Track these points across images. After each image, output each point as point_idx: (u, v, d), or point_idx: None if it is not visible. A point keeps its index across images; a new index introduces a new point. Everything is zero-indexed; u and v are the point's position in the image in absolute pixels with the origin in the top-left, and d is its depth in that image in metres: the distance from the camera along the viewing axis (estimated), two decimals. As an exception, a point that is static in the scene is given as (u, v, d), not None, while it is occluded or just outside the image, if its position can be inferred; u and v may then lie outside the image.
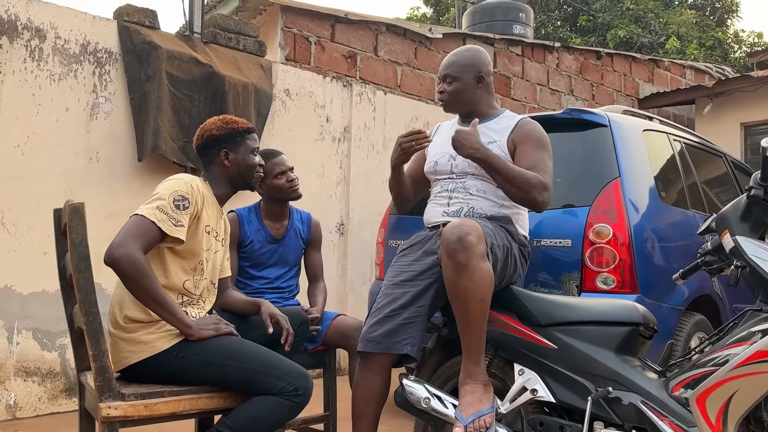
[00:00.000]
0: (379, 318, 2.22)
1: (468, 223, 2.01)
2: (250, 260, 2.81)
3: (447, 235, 2.00)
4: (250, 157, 2.16)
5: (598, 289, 2.90)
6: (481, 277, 1.98)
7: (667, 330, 3.01)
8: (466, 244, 1.96)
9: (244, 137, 2.15)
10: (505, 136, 2.34)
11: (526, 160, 2.28)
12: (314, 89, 4.69)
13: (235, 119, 2.17)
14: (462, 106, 2.41)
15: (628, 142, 3.16)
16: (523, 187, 2.18)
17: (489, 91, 2.45)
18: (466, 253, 1.95)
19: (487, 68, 2.43)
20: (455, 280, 1.99)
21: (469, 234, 1.97)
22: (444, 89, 2.41)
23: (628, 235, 2.91)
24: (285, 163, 2.80)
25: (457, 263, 1.96)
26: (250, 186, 2.21)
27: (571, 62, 7.29)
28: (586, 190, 3.06)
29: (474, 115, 2.43)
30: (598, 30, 14.95)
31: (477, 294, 1.99)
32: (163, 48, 3.80)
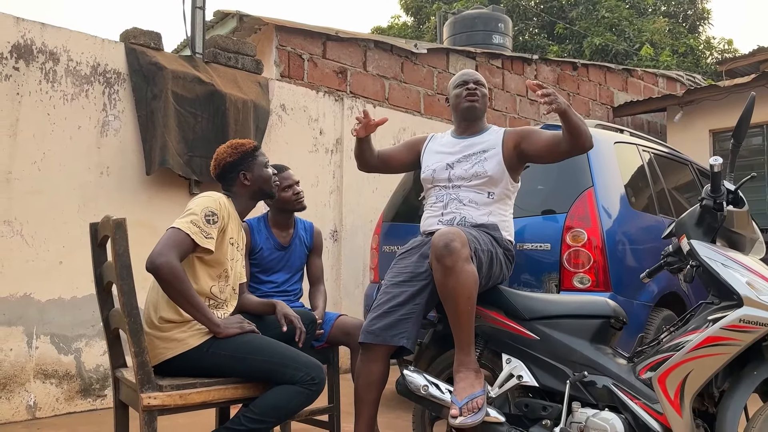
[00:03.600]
0: (379, 313, 2.49)
1: (453, 231, 2.29)
2: (259, 266, 3.07)
3: (435, 242, 2.28)
4: (265, 171, 2.43)
5: (575, 287, 3.20)
6: (466, 278, 2.26)
7: (638, 324, 3.32)
8: (451, 249, 2.23)
9: (255, 156, 2.42)
10: (499, 144, 2.63)
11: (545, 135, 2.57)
12: (308, 104, 4.96)
13: (242, 142, 2.44)
14: (480, 111, 2.73)
15: (601, 154, 3.47)
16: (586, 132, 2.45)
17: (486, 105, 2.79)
18: (452, 258, 2.23)
19: None
20: (444, 281, 2.27)
21: (454, 240, 2.25)
22: (476, 91, 2.69)
23: (601, 238, 3.22)
24: (292, 177, 3.07)
25: (445, 266, 2.24)
26: (271, 195, 2.48)
27: (549, 73, 7.64)
28: (563, 197, 3.37)
29: (477, 123, 2.73)
30: (574, 38, 15.34)
31: (463, 293, 2.27)
32: (168, 68, 4.05)
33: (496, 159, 2.60)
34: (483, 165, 2.60)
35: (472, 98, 2.70)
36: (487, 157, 2.62)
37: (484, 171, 2.59)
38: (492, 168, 2.59)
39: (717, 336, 1.96)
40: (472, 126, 2.74)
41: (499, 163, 2.60)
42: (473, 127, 2.74)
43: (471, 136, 2.74)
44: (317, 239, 3.24)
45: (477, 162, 2.63)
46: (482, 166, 2.60)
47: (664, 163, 4.13)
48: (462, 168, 2.65)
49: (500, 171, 2.60)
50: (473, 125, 2.74)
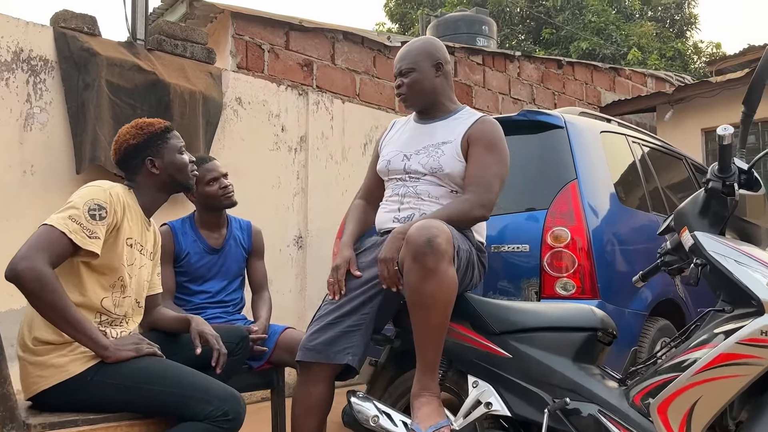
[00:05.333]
0: (321, 326, 2.09)
1: (436, 225, 1.88)
2: (188, 274, 2.63)
3: (414, 237, 1.86)
4: (178, 157, 2.00)
5: (558, 295, 2.78)
6: (448, 283, 1.86)
7: (631, 336, 2.90)
8: (435, 246, 1.83)
9: (166, 138, 1.99)
10: (461, 135, 2.23)
11: (472, 165, 2.18)
12: (268, 98, 4.53)
13: (150, 121, 2.01)
14: (423, 98, 2.28)
15: (585, 144, 3.07)
16: (460, 220, 2.08)
17: (449, 82, 2.34)
18: (435, 257, 1.83)
19: (445, 56, 2.32)
20: (420, 286, 1.85)
21: (438, 236, 1.85)
22: (402, 82, 2.28)
23: (586, 238, 2.80)
24: (217, 169, 2.65)
25: (425, 267, 1.83)
26: (186, 187, 2.05)
27: (533, 71, 7.26)
28: (543, 192, 2.96)
29: (435, 107, 2.31)
30: (561, 43, 15.10)
31: (441, 302, 1.87)
32: (103, 55, 3.62)
33: (452, 154, 2.20)
34: (439, 160, 2.20)
35: (400, 93, 2.29)
36: (445, 151, 2.21)
37: (440, 167, 2.19)
38: (448, 164, 2.19)
39: (732, 353, 1.54)
40: (430, 111, 2.33)
41: (455, 158, 2.19)
42: (433, 111, 2.33)
43: (433, 120, 2.33)
44: (257, 239, 2.81)
45: (433, 155, 2.21)
46: (438, 161, 2.20)
47: (657, 156, 3.73)
48: (418, 160, 2.24)
49: (459, 167, 2.19)
50: (431, 110, 2.33)
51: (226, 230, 2.72)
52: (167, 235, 2.60)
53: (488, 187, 2.15)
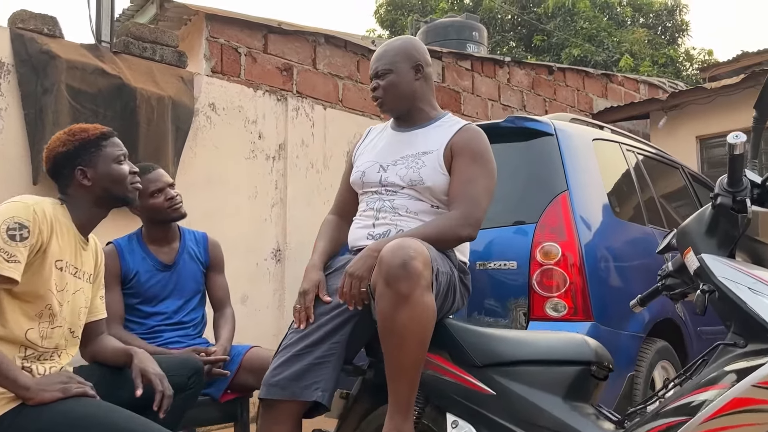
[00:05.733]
0: (286, 357, 1.86)
1: (413, 245, 1.67)
2: (139, 295, 2.41)
3: (387, 257, 1.65)
4: (115, 167, 1.78)
5: (548, 316, 2.56)
6: (424, 313, 1.65)
7: (627, 360, 2.68)
8: (410, 270, 1.62)
9: (100, 146, 1.77)
10: (443, 145, 2.02)
11: (456, 178, 1.97)
12: (244, 103, 4.31)
13: (85, 127, 1.79)
14: (400, 102, 2.07)
15: (577, 153, 2.86)
16: (443, 240, 1.88)
17: (429, 86, 2.12)
18: (410, 283, 1.62)
19: (425, 57, 2.11)
20: (392, 314, 1.64)
21: (415, 258, 1.63)
22: (377, 85, 2.07)
23: (579, 254, 2.59)
24: (161, 179, 2.43)
25: (398, 293, 1.62)
26: (125, 201, 1.82)
27: (523, 77, 7.07)
28: (533, 205, 2.74)
29: (414, 113, 2.09)
30: (552, 49, 14.98)
31: (417, 333, 1.65)
32: (63, 58, 3.39)
33: (434, 165, 1.98)
34: (419, 172, 1.98)
35: (376, 97, 2.08)
36: (426, 161, 1.99)
37: (420, 179, 1.97)
38: (429, 176, 1.97)
39: (747, 397, 1.32)
40: (409, 117, 2.12)
41: (437, 170, 1.97)
42: (412, 118, 2.11)
43: (412, 128, 2.11)
44: (215, 252, 2.59)
45: (413, 167, 2.00)
46: (418, 173, 1.98)
47: (652, 165, 3.52)
48: (396, 172, 2.02)
49: (442, 180, 1.98)
50: (410, 116, 2.11)
51: (178, 244, 2.50)
52: (112, 254, 2.38)
53: (475, 203, 1.94)
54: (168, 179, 2.44)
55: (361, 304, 1.79)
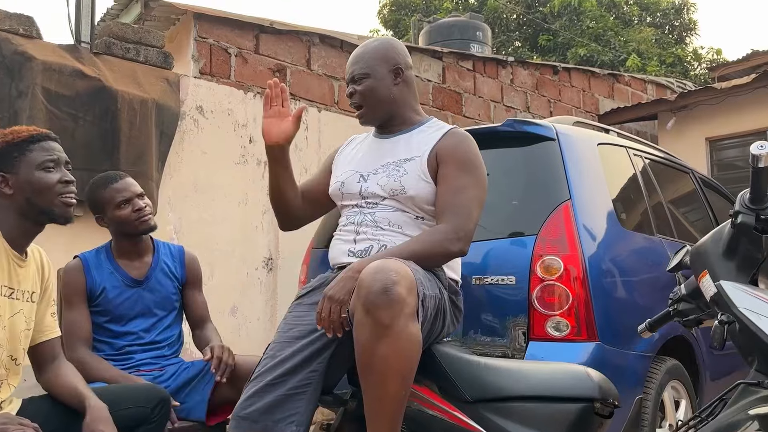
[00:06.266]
0: (258, 387, 1.69)
1: (395, 267, 1.50)
2: (108, 313, 2.23)
3: (367, 282, 1.48)
4: (39, 175, 1.59)
5: (549, 336, 2.37)
6: (408, 345, 1.48)
7: (635, 382, 2.49)
8: (392, 297, 1.45)
9: (24, 150, 1.59)
10: (427, 151, 1.85)
11: (443, 188, 1.79)
12: (233, 106, 4.14)
13: (15, 129, 1.62)
14: (379, 109, 1.90)
15: (580, 158, 2.66)
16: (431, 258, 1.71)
17: (411, 90, 1.96)
18: (392, 311, 1.45)
19: (405, 60, 1.94)
20: (372, 346, 1.47)
21: (397, 283, 1.46)
22: (354, 90, 1.90)
23: (582, 268, 2.40)
24: (129, 189, 2.24)
25: (378, 323, 1.45)
26: (51, 216, 1.63)
27: (527, 78, 6.87)
28: (533, 215, 2.55)
29: (395, 119, 1.93)
30: (558, 49, 14.79)
31: (399, 368, 1.48)
32: (39, 59, 3.23)
33: (417, 173, 1.81)
34: (401, 180, 1.81)
35: (353, 103, 1.92)
36: (408, 169, 1.82)
37: (402, 188, 1.80)
38: (412, 185, 1.80)
39: (775, 451, 1.13)
40: (390, 124, 1.95)
41: (420, 177, 1.81)
42: (394, 125, 1.95)
43: (394, 134, 1.95)
44: (192, 267, 2.40)
45: (394, 175, 1.83)
46: (399, 182, 1.81)
47: (660, 170, 3.33)
48: (376, 181, 1.85)
49: (426, 190, 1.81)
50: (391, 123, 1.95)
51: (151, 258, 2.31)
52: (77, 269, 2.21)
53: (465, 215, 1.76)
54: (136, 189, 2.26)
55: (341, 331, 1.62)
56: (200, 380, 2.15)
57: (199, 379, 2.15)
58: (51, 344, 1.72)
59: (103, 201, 2.21)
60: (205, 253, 3.91)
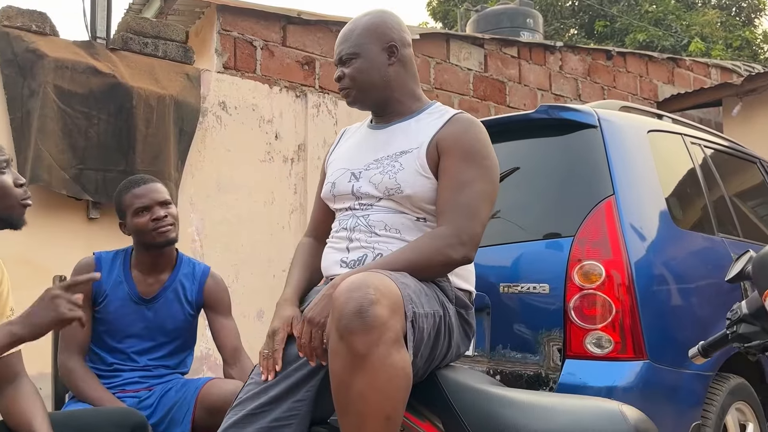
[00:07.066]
0: (239, 417, 1.46)
1: (376, 282, 1.25)
2: (105, 323, 2.06)
3: (340, 301, 1.24)
4: None
5: (589, 353, 2.06)
6: (390, 378, 1.22)
7: (692, 405, 2.17)
8: (368, 320, 1.20)
9: None
10: (426, 141, 1.58)
11: (444, 183, 1.52)
12: (258, 101, 3.96)
13: None
14: (370, 93, 1.65)
15: (627, 148, 2.34)
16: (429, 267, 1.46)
17: (408, 71, 1.69)
18: (368, 337, 1.21)
19: (401, 36, 1.68)
20: (347, 380, 1.24)
21: (376, 303, 1.22)
22: (342, 74, 1.66)
23: (627, 274, 2.08)
24: (149, 195, 2.03)
25: (353, 351, 1.22)
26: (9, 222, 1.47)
27: (577, 64, 6.46)
28: (570, 214, 2.25)
29: (391, 106, 1.67)
30: (616, 35, 14.17)
31: (380, 407, 1.23)
32: (51, 56, 3.11)
33: (414, 167, 1.55)
34: (396, 177, 1.55)
35: (342, 88, 1.67)
36: (404, 163, 1.56)
37: (398, 186, 1.54)
38: (408, 182, 1.54)
39: None
40: (385, 111, 1.69)
41: (419, 172, 1.55)
42: (389, 112, 1.69)
43: (390, 123, 1.69)
44: (212, 291, 2.16)
45: (389, 171, 1.57)
46: (394, 179, 1.55)
47: (723, 160, 2.94)
48: (369, 179, 1.59)
49: (425, 186, 1.55)
50: (386, 110, 1.69)
51: (167, 276, 2.10)
52: (86, 267, 2.04)
53: (470, 215, 1.49)
54: (159, 196, 2.03)
55: (325, 358, 1.38)
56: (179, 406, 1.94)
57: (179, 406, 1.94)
58: (7, 361, 1.54)
59: (124, 206, 2.04)
60: (230, 255, 3.76)
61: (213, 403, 1.91)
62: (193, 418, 1.96)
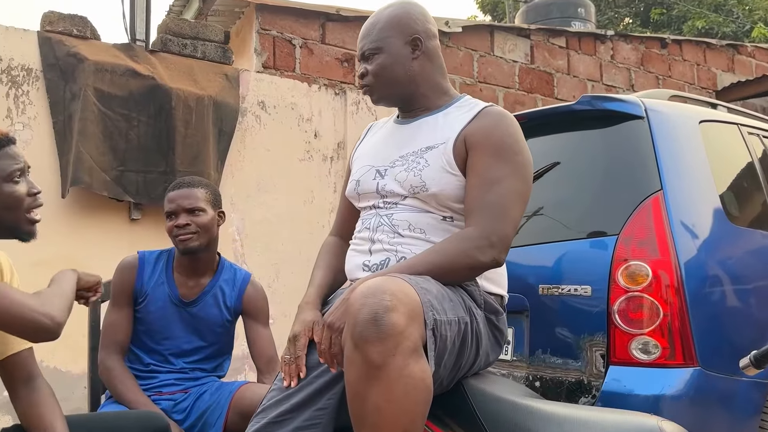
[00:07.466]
0: (261, 425, 1.42)
1: (392, 287, 1.18)
2: (145, 323, 2.06)
3: (354, 308, 1.18)
4: (4, 188, 1.41)
5: (634, 359, 1.94)
6: (408, 390, 1.15)
7: (748, 415, 2.01)
8: (384, 328, 1.14)
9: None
10: (454, 136, 1.50)
11: (473, 181, 1.44)
12: (297, 100, 3.93)
13: None
14: (395, 90, 1.59)
15: (676, 140, 2.19)
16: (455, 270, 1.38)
17: (435, 64, 1.61)
18: (383, 346, 1.14)
19: (425, 26, 1.60)
20: (362, 391, 1.17)
21: (392, 309, 1.15)
22: (365, 70, 1.59)
23: (676, 275, 1.94)
24: (176, 201, 2.01)
25: (367, 361, 1.15)
26: (16, 233, 1.44)
27: (630, 53, 6.21)
28: (614, 211, 2.12)
29: (417, 100, 1.60)
30: (673, 23, 13.61)
31: (397, 421, 1.16)
32: (91, 60, 3.15)
33: (441, 163, 1.47)
34: (421, 174, 1.47)
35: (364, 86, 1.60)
36: (430, 159, 1.48)
37: (422, 184, 1.46)
38: (434, 179, 1.47)
39: None
40: (411, 106, 1.62)
41: (445, 169, 1.47)
42: (416, 106, 1.62)
43: (417, 118, 1.62)
44: (250, 298, 2.13)
45: (414, 168, 1.49)
46: (419, 176, 1.47)
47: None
48: (394, 176, 1.52)
49: (452, 184, 1.47)
50: (412, 105, 1.61)
51: (208, 281, 2.09)
52: (129, 267, 2.05)
53: (500, 215, 1.41)
54: (186, 203, 2.00)
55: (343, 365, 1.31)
56: (213, 410, 1.92)
57: (213, 409, 1.92)
58: (21, 359, 1.52)
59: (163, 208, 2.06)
60: (270, 254, 3.75)
61: (246, 407, 1.88)
62: (225, 422, 1.94)
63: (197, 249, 2.02)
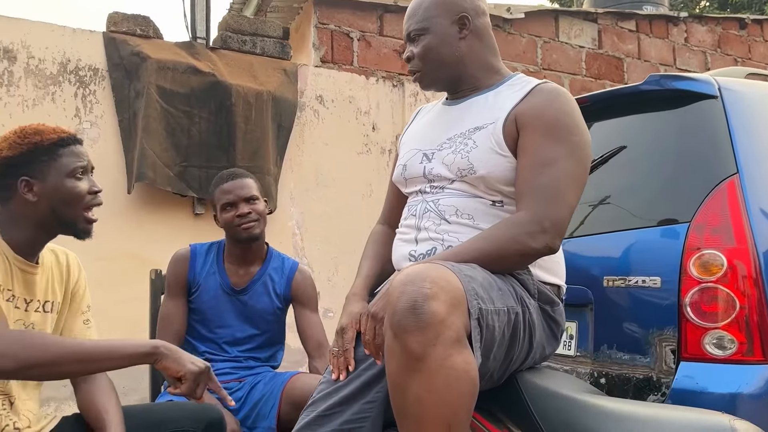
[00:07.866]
0: (311, 418, 1.39)
1: (433, 274, 1.13)
2: (198, 313, 2.11)
3: (394, 296, 1.13)
4: (68, 183, 1.42)
5: (708, 355, 1.80)
6: (450, 383, 1.10)
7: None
8: (423, 317, 1.08)
9: (54, 155, 1.42)
10: (504, 115, 1.43)
11: (524, 163, 1.36)
12: (355, 93, 3.91)
13: (40, 129, 1.44)
14: (443, 72, 1.53)
15: (753, 120, 2.03)
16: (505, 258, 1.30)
17: (485, 43, 1.54)
18: (423, 336, 1.09)
19: (474, 3, 1.53)
20: (403, 382, 1.12)
21: (432, 297, 1.09)
22: (411, 54, 1.54)
23: (754, 265, 1.80)
24: (235, 191, 2.05)
25: (407, 351, 1.10)
26: (73, 229, 1.46)
27: (705, 35, 5.89)
28: (685, 197, 1.98)
29: (466, 81, 1.54)
30: (755, 4, 12.84)
31: (440, 414, 1.11)
32: (153, 58, 3.22)
33: (489, 144, 1.39)
34: (469, 156, 1.41)
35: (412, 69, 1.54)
36: (478, 140, 1.41)
37: (470, 167, 1.40)
38: (482, 161, 1.40)
39: None
40: (460, 87, 1.55)
41: (495, 150, 1.39)
42: (465, 87, 1.55)
43: (466, 98, 1.55)
44: (299, 285, 2.16)
45: (461, 150, 1.43)
46: (467, 158, 1.40)
47: None
48: (442, 159, 1.46)
49: (502, 166, 1.40)
50: (460, 85, 1.55)
51: (257, 269, 2.13)
52: (182, 259, 2.11)
53: (554, 199, 1.33)
54: (245, 192, 2.05)
55: None
56: (266, 400, 1.92)
57: (266, 400, 1.92)
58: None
59: (215, 201, 2.10)
60: (329, 248, 3.75)
61: (297, 397, 1.89)
62: (278, 413, 1.95)
63: (257, 236, 2.06)
